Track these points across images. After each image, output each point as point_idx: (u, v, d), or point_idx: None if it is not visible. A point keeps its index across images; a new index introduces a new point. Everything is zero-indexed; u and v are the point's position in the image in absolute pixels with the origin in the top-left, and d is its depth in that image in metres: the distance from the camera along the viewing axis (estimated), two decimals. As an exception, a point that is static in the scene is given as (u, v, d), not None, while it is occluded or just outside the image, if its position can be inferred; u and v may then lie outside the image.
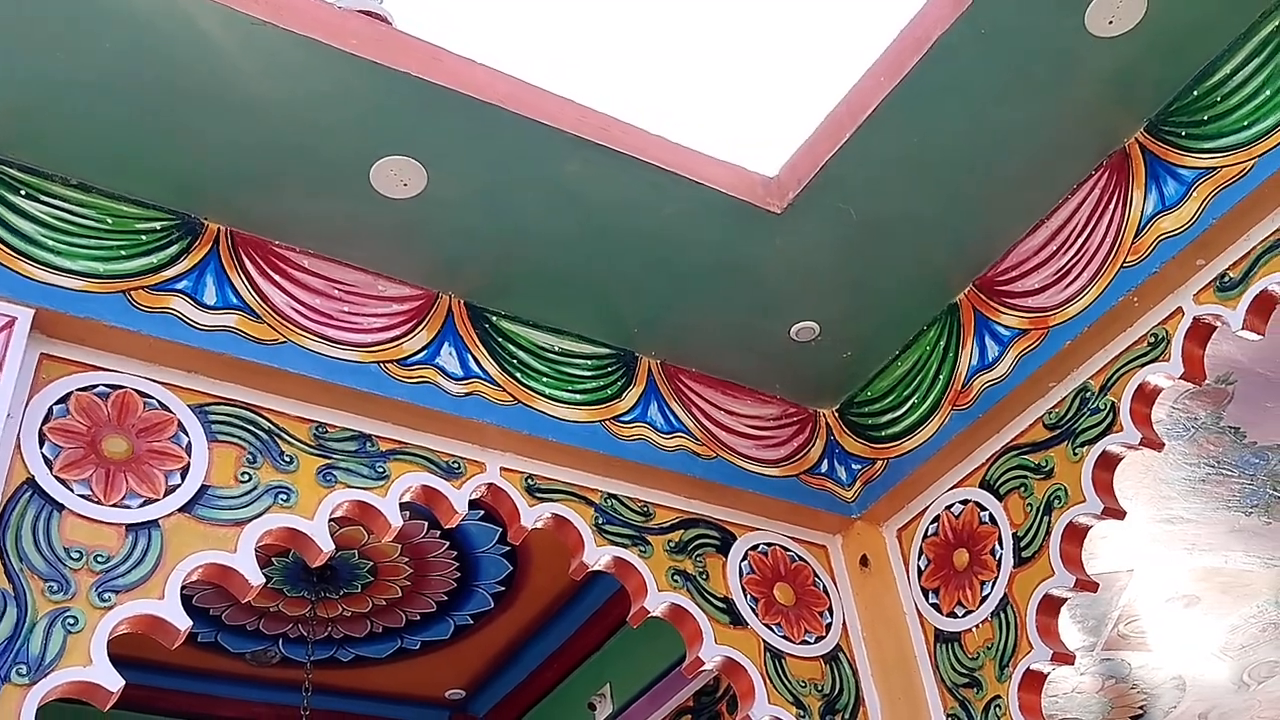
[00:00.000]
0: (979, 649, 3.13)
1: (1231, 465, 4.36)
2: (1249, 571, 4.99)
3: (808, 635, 3.27)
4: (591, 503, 3.16)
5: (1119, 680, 5.67)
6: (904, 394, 3.49)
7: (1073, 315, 3.04)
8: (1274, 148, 2.63)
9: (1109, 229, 2.98)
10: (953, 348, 3.37)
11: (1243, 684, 5.83)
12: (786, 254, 3.16)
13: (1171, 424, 4.09)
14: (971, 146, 2.93)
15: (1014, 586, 3.08)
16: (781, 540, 3.45)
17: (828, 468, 3.61)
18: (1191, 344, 2.85)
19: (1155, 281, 2.87)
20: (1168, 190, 2.85)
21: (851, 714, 3.20)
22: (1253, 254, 2.73)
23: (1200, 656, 5.57)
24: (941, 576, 3.31)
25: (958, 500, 3.35)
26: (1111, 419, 2.97)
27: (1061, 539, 3.00)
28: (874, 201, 3.04)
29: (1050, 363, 3.10)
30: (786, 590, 3.34)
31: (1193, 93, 2.82)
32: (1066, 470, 3.05)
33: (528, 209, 2.95)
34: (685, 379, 3.47)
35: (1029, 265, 3.18)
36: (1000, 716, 3.02)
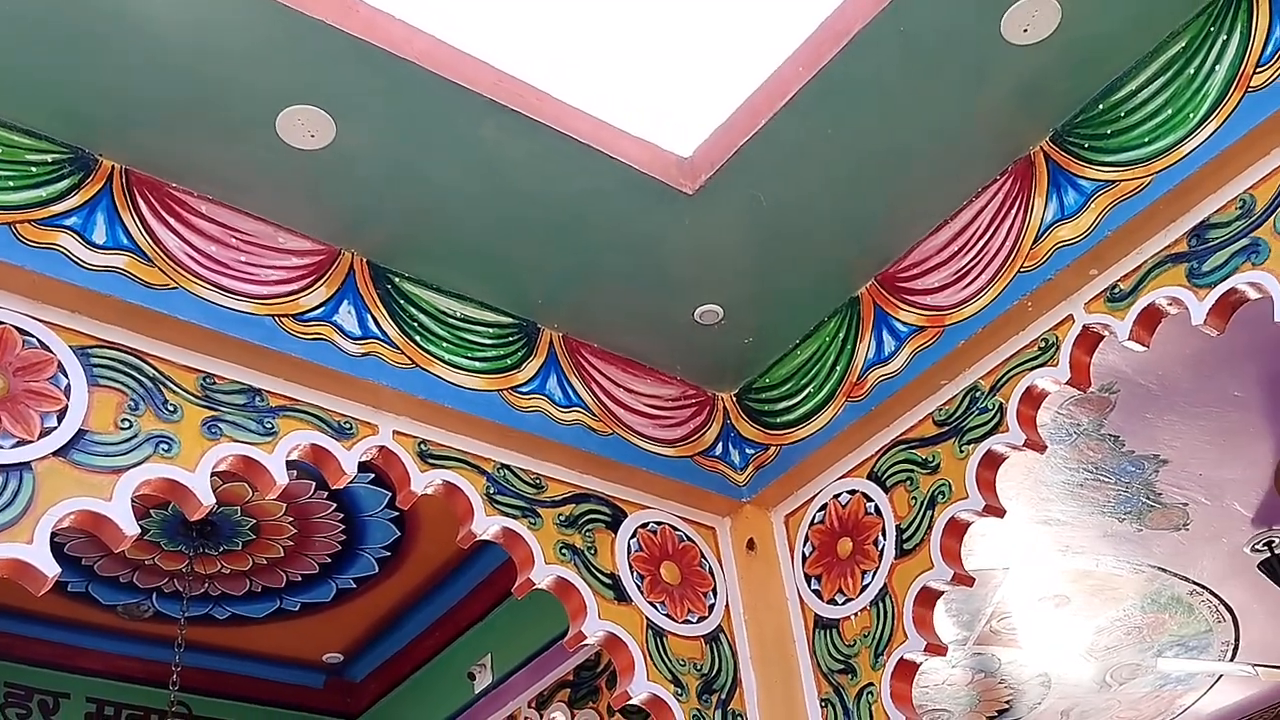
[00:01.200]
0: (856, 636, 3.19)
1: (1109, 472, 4.51)
2: (1118, 576, 5.17)
3: (690, 615, 3.30)
4: (484, 472, 3.14)
5: (988, 674, 5.84)
6: (801, 382, 3.53)
7: (968, 316, 3.10)
8: (1171, 165, 2.71)
9: (1009, 234, 3.04)
10: (851, 340, 3.41)
11: (1105, 684, 6.06)
12: (695, 236, 3.16)
13: (1055, 428, 4.21)
14: (883, 143, 2.97)
15: (894, 577, 3.15)
16: (671, 520, 3.47)
17: (722, 451, 3.64)
18: (1079, 351, 2.93)
19: (1049, 288, 2.94)
20: (1068, 200, 2.93)
21: (728, 694, 3.24)
22: (1144, 268, 2.81)
23: (1066, 655, 5.76)
24: (825, 564, 3.37)
25: (845, 490, 3.41)
26: (998, 419, 3.04)
27: (942, 533, 3.07)
28: (785, 190, 3.06)
29: (943, 361, 3.16)
30: (673, 569, 3.36)
31: (1098, 106, 2.89)
32: (952, 466, 3.11)
33: (438, 171, 2.91)
34: (586, 354, 3.46)
35: (930, 264, 3.23)
36: (872, 703, 3.08)
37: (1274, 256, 2.54)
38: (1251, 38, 2.61)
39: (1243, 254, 2.61)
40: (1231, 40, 2.65)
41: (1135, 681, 6.05)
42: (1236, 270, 2.61)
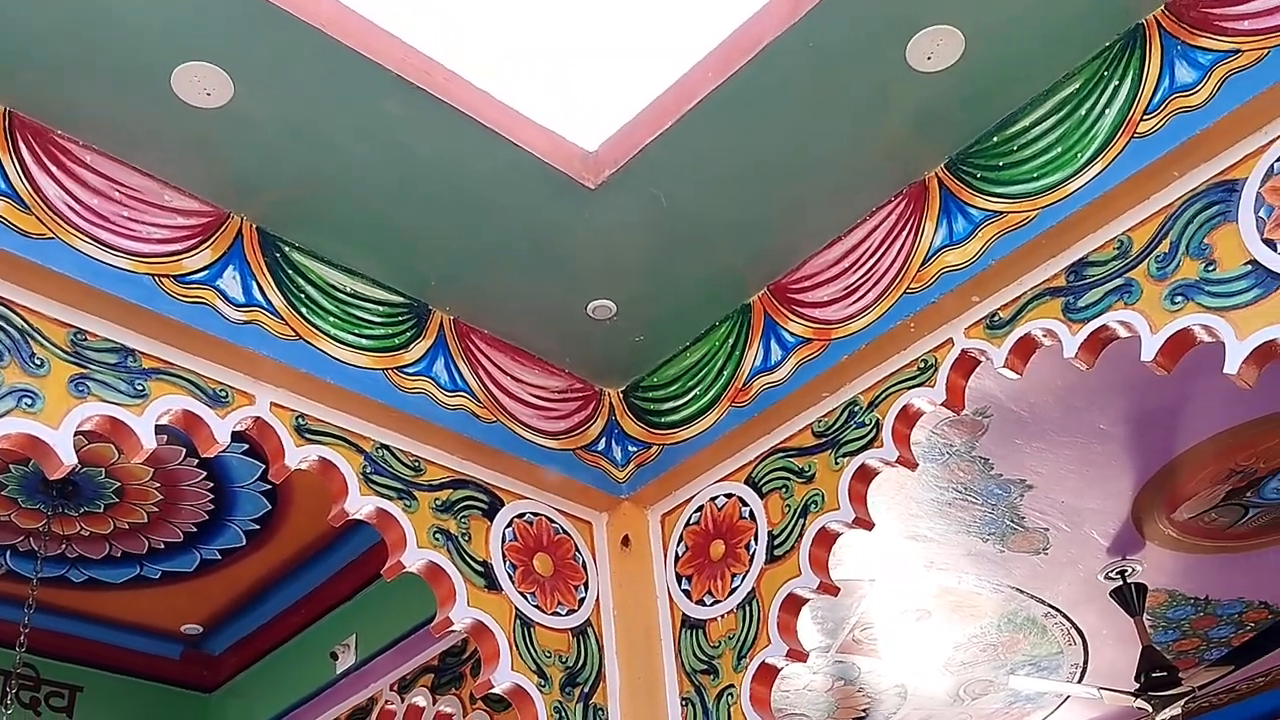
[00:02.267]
0: (721, 638, 3.23)
1: (977, 493, 4.64)
2: (979, 594, 5.33)
3: (560, 607, 3.31)
4: (362, 450, 3.10)
5: (848, 682, 5.97)
6: (688, 384, 3.56)
7: (854, 331, 3.16)
8: (1056, 202, 2.80)
9: (899, 255, 3.11)
10: (740, 346, 3.45)
11: (959, 698, 6.23)
12: (594, 230, 3.17)
13: (929, 447, 4.32)
14: (784, 155, 3.01)
15: (762, 582, 3.19)
16: (548, 511, 3.47)
17: (604, 446, 3.65)
18: (956, 374, 3.01)
19: (932, 311, 3.02)
20: (957, 226, 3.00)
21: (592, 688, 3.25)
22: (1023, 298, 2.90)
23: (924, 668, 5.92)
24: (696, 565, 3.40)
25: (722, 493, 3.45)
26: (874, 434, 3.11)
27: (812, 542, 3.13)
28: (685, 193, 3.08)
29: (827, 374, 3.21)
30: (546, 561, 3.36)
31: (993, 138, 2.97)
32: (826, 477, 3.18)
33: (337, 142, 2.86)
34: (476, 339, 3.44)
35: (821, 278, 3.29)
36: (731, 704, 3.12)
37: (1145, 298, 2.65)
38: (1142, 85, 2.71)
39: (1116, 293, 2.71)
40: (1123, 86, 2.75)
41: (987, 697, 6.24)
42: (1109, 308, 2.71)
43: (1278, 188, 2.50)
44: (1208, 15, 2.63)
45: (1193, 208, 2.64)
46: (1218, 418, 4.36)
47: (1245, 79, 2.53)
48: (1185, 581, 5.40)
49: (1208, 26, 2.62)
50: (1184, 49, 2.66)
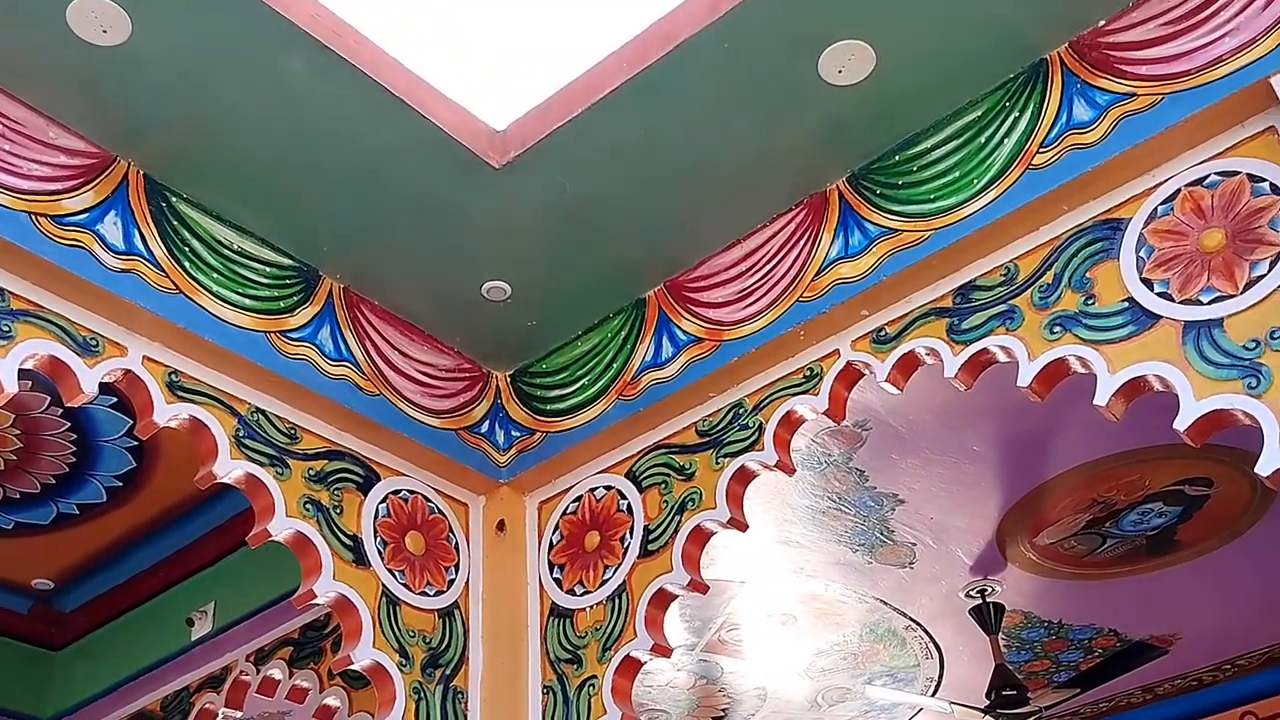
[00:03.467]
0: (588, 629, 3.23)
1: (850, 504, 4.72)
2: (844, 603, 5.43)
3: (428, 587, 3.27)
4: (236, 413, 3.02)
5: (710, 681, 6.03)
6: (577, 373, 3.55)
7: (745, 335, 3.19)
8: (949, 225, 2.86)
9: (795, 263, 3.15)
10: (632, 340, 3.45)
11: (816, 704, 6.34)
12: (495, 211, 3.13)
13: (808, 455, 4.38)
14: (691, 154, 3.02)
15: (634, 575, 3.20)
16: (425, 490, 3.43)
17: (488, 429, 3.62)
18: (840, 385, 3.06)
19: (822, 321, 3.06)
20: (853, 240, 3.05)
21: (454, 670, 3.22)
22: (910, 316, 2.96)
23: (785, 673, 6.01)
24: (570, 554, 3.40)
25: (602, 485, 3.44)
26: (756, 438, 3.14)
27: (687, 539, 3.15)
28: (590, 182, 3.07)
29: (716, 374, 3.24)
30: (418, 540, 3.32)
31: (895, 157, 3.03)
32: (706, 477, 3.20)
33: (237, 94, 2.77)
34: (366, 310, 3.37)
35: (718, 279, 3.31)
36: (592, 695, 3.13)
37: (1026, 325, 2.72)
38: (1041, 119, 2.79)
39: (999, 319, 2.78)
40: (1023, 118, 2.82)
41: (844, 705, 6.36)
42: (991, 333, 2.78)
43: (1160, 230, 2.60)
44: (1108, 57, 2.71)
45: (1078, 242, 2.72)
46: (1084, 448, 4.52)
47: (1138, 122, 2.63)
48: (1041, 605, 5.58)
49: (1107, 68, 2.71)
50: (1083, 87, 2.74)
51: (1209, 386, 2.39)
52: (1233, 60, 2.52)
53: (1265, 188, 2.48)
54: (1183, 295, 2.50)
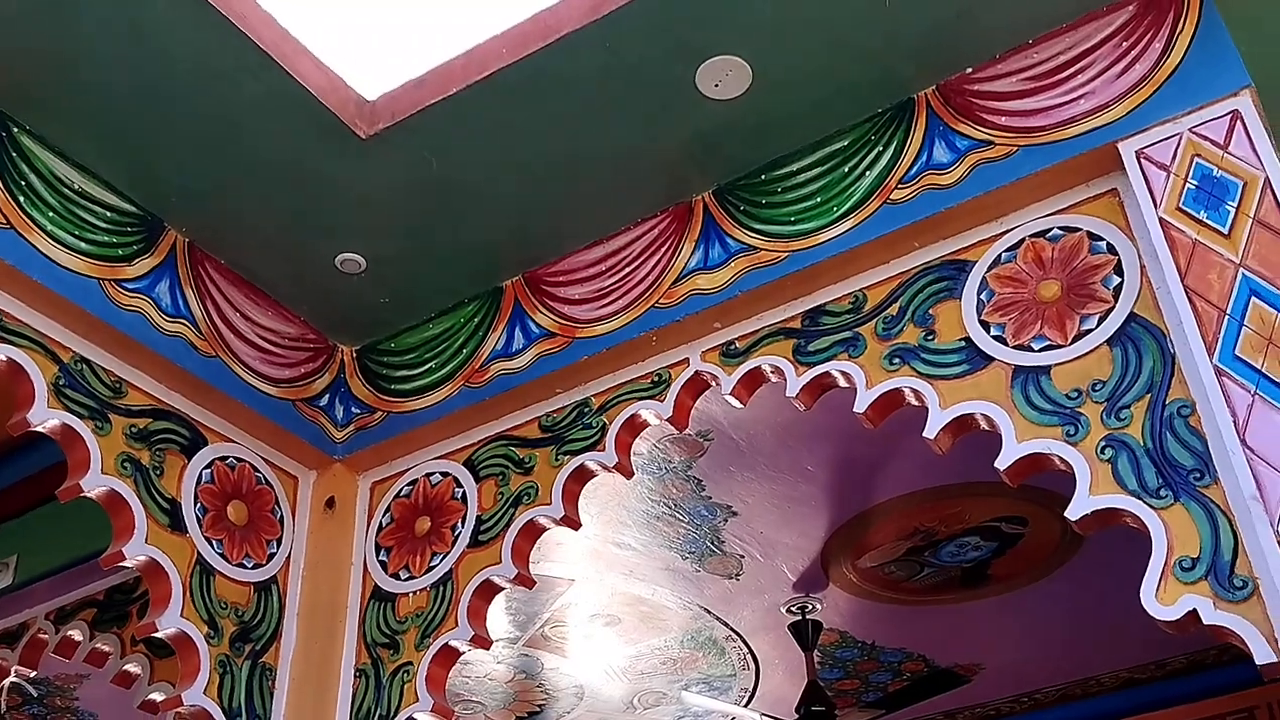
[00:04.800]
0: (409, 614, 3.19)
1: (685, 512, 4.77)
2: (668, 608, 5.48)
3: (246, 559, 3.17)
4: (58, 360, 2.87)
5: (529, 676, 6.01)
6: (425, 356, 3.50)
7: (598, 334, 3.19)
8: (806, 248, 2.93)
9: (654, 269, 3.17)
10: (485, 328, 3.42)
11: (632, 706, 6.39)
12: (357, 181, 3.07)
13: (649, 459, 4.41)
14: (563, 148, 3.01)
15: (461, 565, 3.17)
16: (254, 459, 3.33)
17: (327, 403, 3.53)
18: (686, 393, 3.10)
19: (676, 329, 3.09)
20: (713, 253, 3.09)
21: (264, 646, 3.13)
22: (760, 334, 3.01)
23: (604, 673, 6.03)
24: (399, 538, 3.34)
25: (439, 471, 3.40)
26: (599, 438, 3.15)
27: (519, 533, 3.13)
28: (458, 163, 3.03)
29: (565, 370, 3.23)
30: (241, 510, 3.22)
31: (761, 176, 3.08)
32: (545, 472, 3.19)
33: (94, 31, 2.64)
34: (211, 268, 3.26)
35: (577, 276, 3.31)
36: (406, 682, 3.08)
37: (868, 354, 2.80)
38: (903, 155, 2.88)
39: (844, 345, 2.86)
40: (886, 153, 2.91)
41: (658, 709, 6.42)
42: (834, 358, 2.85)
43: (1002, 276, 2.71)
44: (971, 104, 2.82)
45: (925, 279, 2.82)
46: (912, 478, 4.67)
47: (993, 170, 2.73)
48: (857, 625, 5.74)
49: (970, 114, 2.81)
50: (945, 130, 2.84)
51: (1030, 430, 2.50)
52: (1086, 121, 2.65)
53: (1103, 246, 2.61)
54: (1016, 340, 2.61)
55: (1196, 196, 2.45)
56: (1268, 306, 2.26)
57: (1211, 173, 2.46)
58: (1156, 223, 2.47)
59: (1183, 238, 2.42)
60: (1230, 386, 2.23)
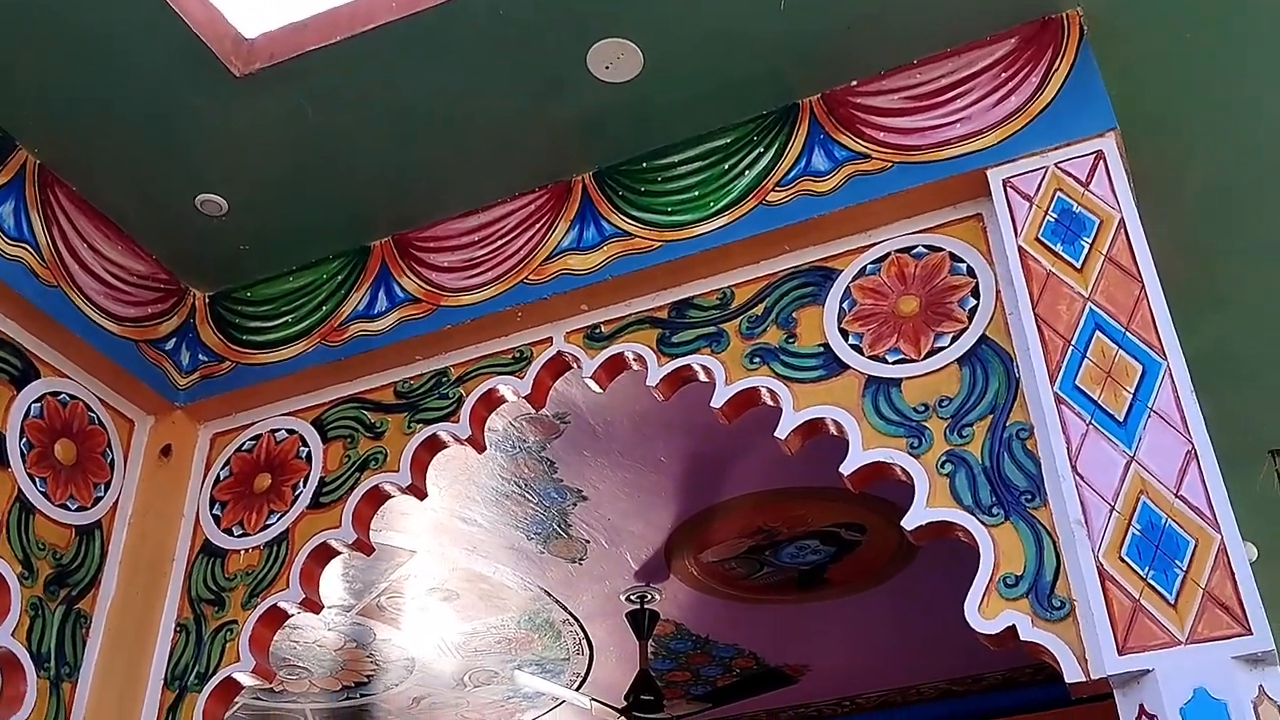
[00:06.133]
0: (238, 572, 3.09)
1: (535, 492, 4.76)
2: (509, 588, 5.46)
3: (70, 501, 3.03)
4: (-118, 273, 2.70)
5: (360, 645, 5.91)
6: (282, 309, 3.40)
7: (464, 304, 3.15)
8: (680, 240, 2.93)
9: (527, 244, 3.14)
10: (348, 287, 3.34)
11: (462, 683, 6.35)
12: (226, 122, 2.96)
13: (504, 437, 4.38)
14: (445, 112, 2.96)
15: (299, 525, 3.09)
16: (89, 398, 3.18)
17: (173, 347, 3.40)
18: (546, 373, 3.08)
19: (542, 307, 3.07)
20: (587, 234, 3.08)
21: (81, 593, 3.00)
22: (626, 320, 3.01)
23: (437, 648, 5.98)
24: (236, 493, 3.24)
25: (285, 428, 3.31)
26: (454, 409, 3.11)
27: (362, 498, 3.07)
28: (335, 114, 2.95)
29: (426, 338, 3.18)
30: (70, 449, 3.07)
31: (643, 163, 3.08)
32: (395, 439, 3.13)
33: (-45, -77, 2.49)
34: (61, 194, 3.10)
35: (448, 244, 3.26)
36: (229, 640, 2.99)
37: (730, 350, 2.83)
38: (782, 159, 2.91)
39: (707, 339, 2.88)
40: (766, 154, 2.94)
41: (489, 687, 6.40)
42: (697, 351, 2.87)
43: (865, 287, 2.77)
44: (853, 116, 2.87)
45: (792, 282, 2.86)
46: (760, 478, 4.75)
47: (867, 183, 2.79)
48: (693, 618, 5.82)
49: (850, 126, 2.86)
50: (825, 139, 2.88)
51: (877, 439, 2.55)
52: (959, 146, 2.72)
53: (963, 268, 2.69)
54: (871, 351, 2.67)
55: (1055, 229, 2.54)
56: (1110, 341, 2.36)
57: (1071, 208, 2.55)
58: (1015, 251, 2.55)
59: (1038, 268, 2.51)
60: (1067, 414, 2.32)
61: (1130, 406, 2.28)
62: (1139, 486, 2.19)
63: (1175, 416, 2.24)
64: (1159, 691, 2.00)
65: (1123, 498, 2.19)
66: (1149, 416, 2.25)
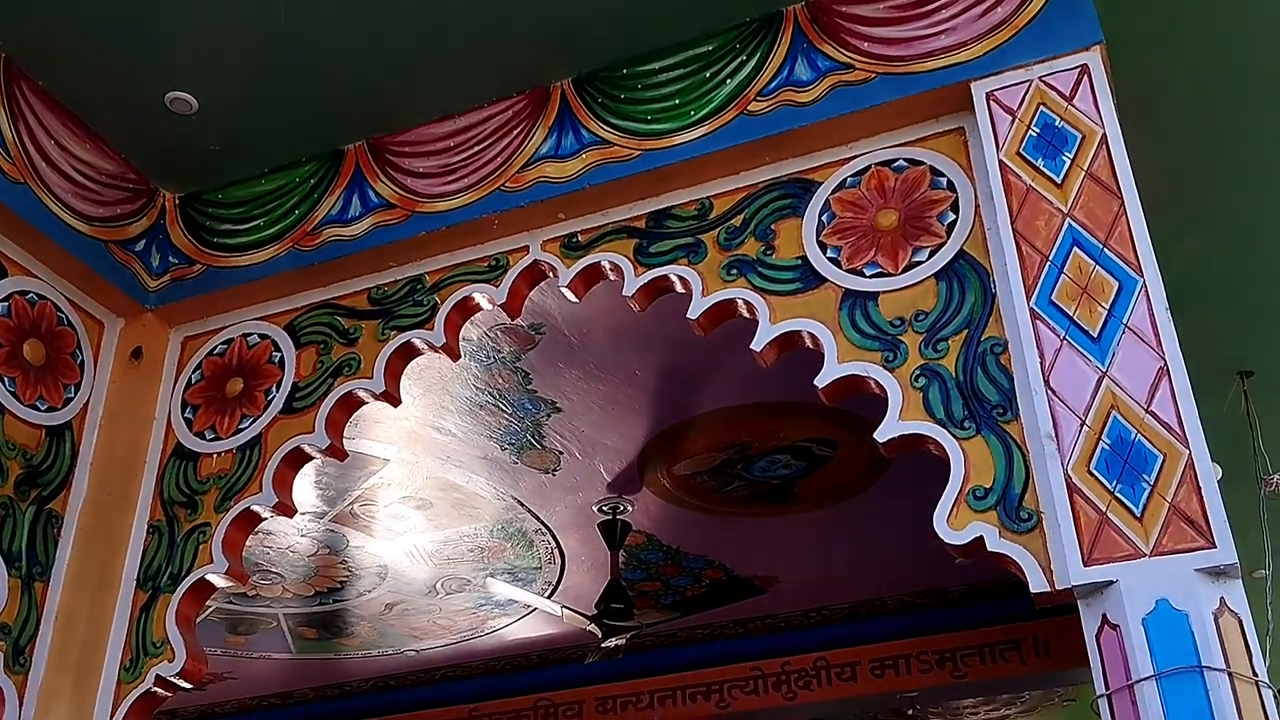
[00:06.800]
0: (211, 475, 3.09)
1: (509, 403, 4.76)
2: (482, 497, 5.49)
3: (40, 401, 3.01)
4: None
5: (333, 552, 5.95)
6: (254, 211, 3.36)
7: (440, 210, 3.11)
8: (659, 149, 2.90)
9: (504, 150, 3.10)
10: (321, 191, 3.30)
11: (434, 591, 6.41)
12: (199, 17, 2.89)
13: (478, 347, 4.37)
14: (423, 11, 2.89)
15: (272, 430, 3.09)
16: (57, 298, 3.14)
17: (143, 249, 3.35)
18: (522, 281, 3.06)
19: (519, 215, 3.04)
20: (565, 142, 3.03)
21: (53, 493, 2.99)
22: (604, 229, 2.99)
23: (410, 555, 6.02)
24: (208, 396, 3.23)
25: (258, 333, 3.29)
26: (429, 316, 3.09)
27: (335, 404, 3.06)
28: (310, 16, 2.88)
29: (401, 244, 3.15)
30: (38, 349, 3.04)
31: (623, 70, 3.03)
32: (369, 345, 3.12)
33: None
34: (28, 90, 3.03)
35: (424, 149, 3.21)
36: (202, 542, 3.00)
37: (708, 262, 2.82)
38: (764, 68, 2.87)
39: (685, 250, 2.86)
40: (749, 63, 2.89)
41: (461, 595, 6.46)
42: (674, 262, 2.86)
43: (844, 200, 2.75)
44: (838, 25, 2.82)
45: (772, 194, 2.84)
46: (733, 393, 4.76)
47: (850, 94, 2.75)
48: (665, 530, 5.88)
49: (835, 35, 2.82)
50: (809, 48, 2.84)
51: (852, 353, 2.56)
52: (944, 57, 2.69)
53: (943, 183, 2.67)
54: (849, 265, 2.66)
55: (1037, 144, 2.52)
56: (1087, 257, 2.37)
57: (1054, 122, 2.53)
58: (996, 165, 2.54)
59: (1018, 183, 2.50)
60: (1042, 330, 2.33)
61: (1105, 323, 2.29)
62: (1110, 401, 2.21)
63: (1149, 333, 2.25)
64: (1122, 602, 2.04)
65: (1094, 412, 2.21)
66: (1123, 333, 2.27)
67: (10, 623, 2.81)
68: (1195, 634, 1.97)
